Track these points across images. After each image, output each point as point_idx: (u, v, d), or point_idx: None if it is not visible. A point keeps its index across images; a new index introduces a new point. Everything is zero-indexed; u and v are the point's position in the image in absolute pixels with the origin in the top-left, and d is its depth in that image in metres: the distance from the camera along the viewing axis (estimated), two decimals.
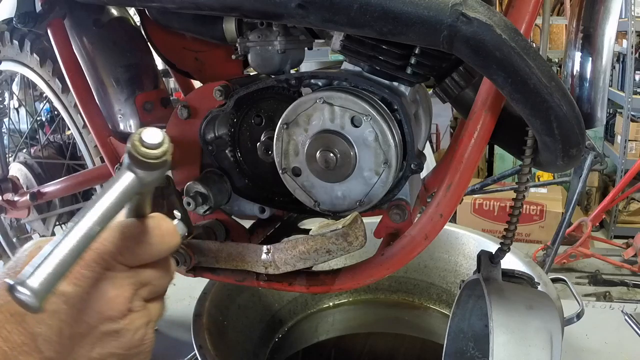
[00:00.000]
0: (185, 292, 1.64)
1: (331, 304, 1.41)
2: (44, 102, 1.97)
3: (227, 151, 0.82)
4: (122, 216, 0.43)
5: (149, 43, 0.94)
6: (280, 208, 0.83)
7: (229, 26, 0.80)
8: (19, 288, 0.33)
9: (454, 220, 2.78)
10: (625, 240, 2.37)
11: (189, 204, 0.78)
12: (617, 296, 2.05)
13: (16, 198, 1.47)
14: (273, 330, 1.28)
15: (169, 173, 0.86)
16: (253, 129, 0.80)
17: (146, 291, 0.43)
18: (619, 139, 3.18)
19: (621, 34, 2.99)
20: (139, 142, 0.37)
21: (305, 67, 0.96)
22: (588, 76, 0.64)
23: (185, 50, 0.90)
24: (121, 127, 0.96)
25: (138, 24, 0.96)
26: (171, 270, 0.47)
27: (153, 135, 0.38)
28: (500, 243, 0.75)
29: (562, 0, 3.64)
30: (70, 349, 0.38)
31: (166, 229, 0.45)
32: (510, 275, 0.79)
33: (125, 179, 0.38)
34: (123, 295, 0.40)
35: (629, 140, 3.08)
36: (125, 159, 0.38)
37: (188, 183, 0.79)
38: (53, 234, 1.56)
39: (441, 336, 0.95)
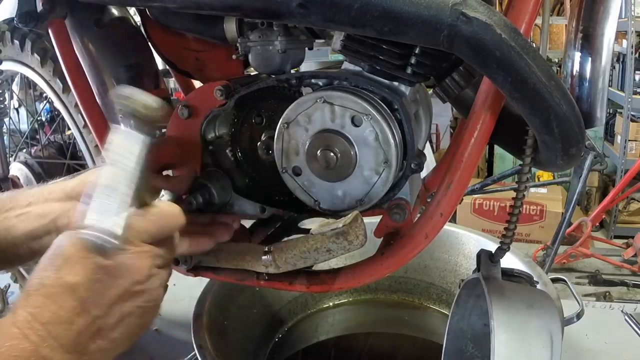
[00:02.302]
0: (185, 292, 1.64)
1: (331, 304, 1.41)
2: (44, 102, 1.97)
3: (227, 150, 0.82)
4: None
5: (149, 43, 0.94)
6: (281, 207, 0.83)
7: (230, 26, 0.80)
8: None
9: (454, 220, 2.78)
10: (625, 240, 2.36)
11: (190, 203, 0.78)
12: (617, 296, 2.05)
13: None
14: (273, 330, 1.29)
15: (170, 172, 0.86)
16: (253, 128, 0.81)
17: (159, 260, 0.56)
18: (619, 139, 3.18)
19: (621, 34, 3.00)
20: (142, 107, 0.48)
21: (305, 67, 0.96)
22: (587, 76, 0.64)
23: (186, 50, 0.90)
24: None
25: (138, 23, 0.96)
26: (175, 245, 0.60)
27: (153, 99, 0.48)
28: (500, 242, 0.75)
29: (562, 0, 3.65)
30: (110, 307, 0.51)
31: (173, 212, 0.58)
32: (509, 274, 0.79)
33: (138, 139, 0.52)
34: (146, 265, 0.53)
35: (629, 140, 3.08)
36: (130, 121, 0.50)
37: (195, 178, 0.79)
38: None
39: (441, 336, 0.95)
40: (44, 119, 2.26)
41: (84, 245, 0.50)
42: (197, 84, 0.96)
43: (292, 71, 0.82)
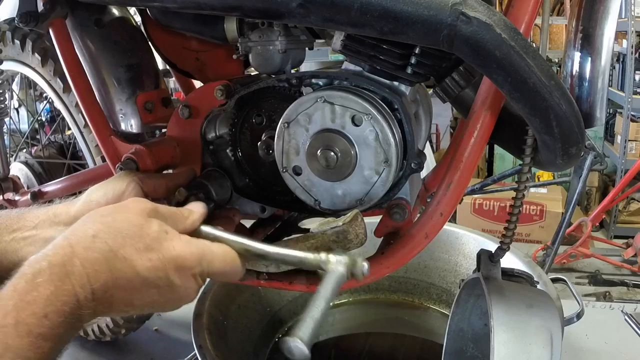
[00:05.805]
0: None
1: (331, 303, 1.41)
2: (45, 101, 1.97)
3: (227, 150, 0.82)
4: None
5: (149, 43, 0.94)
6: (281, 207, 0.83)
7: (230, 26, 0.80)
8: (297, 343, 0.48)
9: (454, 220, 2.78)
10: (625, 240, 2.36)
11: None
12: (617, 296, 2.04)
13: (17, 197, 1.47)
14: (273, 330, 1.29)
15: (169, 171, 0.86)
16: (254, 128, 0.81)
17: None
18: (619, 139, 3.18)
19: (621, 34, 2.99)
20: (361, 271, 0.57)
21: (306, 67, 0.96)
22: (587, 76, 0.64)
23: (186, 50, 0.90)
24: (122, 126, 0.96)
25: (139, 23, 0.96)
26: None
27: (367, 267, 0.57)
28: (500, 242, 0.75)
29: (562, 0, 3.65)
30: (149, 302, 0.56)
31: (239, 275, 0.62)
32: (509, 274, 0.79)
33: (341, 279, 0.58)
34: (196, 292, 0.60)
35: (629, 140, 3.07)
36: (343, 269, 0.57)
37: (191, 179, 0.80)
38: None
39: (441, 336, 0.95)
40: (44, 118, 2.27)
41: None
42: (197, 84, 0.96)
43: (292, 71, 0.82)
